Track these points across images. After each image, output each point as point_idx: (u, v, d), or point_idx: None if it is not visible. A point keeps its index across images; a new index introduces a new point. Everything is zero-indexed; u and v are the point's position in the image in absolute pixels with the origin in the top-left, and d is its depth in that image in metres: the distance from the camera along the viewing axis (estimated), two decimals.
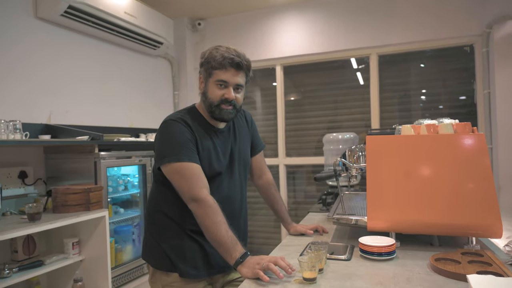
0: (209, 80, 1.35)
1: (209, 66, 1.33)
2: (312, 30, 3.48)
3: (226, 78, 1.32)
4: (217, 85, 1.34)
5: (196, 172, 1.27)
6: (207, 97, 1.36)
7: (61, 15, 2.48)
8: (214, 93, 1.34)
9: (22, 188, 2.30)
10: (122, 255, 2.60)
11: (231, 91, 1.34)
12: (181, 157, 1.26)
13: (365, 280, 1.07)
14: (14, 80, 2.32)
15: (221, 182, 1.39)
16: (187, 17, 3.76)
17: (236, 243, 1.18)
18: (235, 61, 1.31)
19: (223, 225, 1.20)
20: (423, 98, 3.36)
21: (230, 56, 1.31)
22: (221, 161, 1.39)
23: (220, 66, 1.31)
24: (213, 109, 1.35)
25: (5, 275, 1.85)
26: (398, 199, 1.32)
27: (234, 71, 1.33)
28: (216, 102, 1.34)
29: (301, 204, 3.73)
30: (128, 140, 2.61)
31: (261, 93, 3.93)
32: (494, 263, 1.10)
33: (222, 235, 1.18)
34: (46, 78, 2.51)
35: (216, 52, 1.33)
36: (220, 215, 1.22)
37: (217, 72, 1.32)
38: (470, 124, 1.32)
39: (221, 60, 1.30)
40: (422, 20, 3.13)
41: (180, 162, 1.26)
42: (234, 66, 1.32)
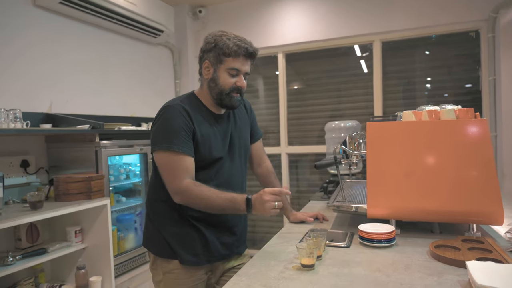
0: (219, 67, 1.33)
1: (220, 52, 1.31)
2: (314, 17, 3.42)
3: (238, 66, 1.32)
4: (228, 73, 1.33)
5: (182, 164, 1.27)
6: (217, 84, 1.34)
7: (60, 2, 2.45)
8: (226, 80, 1.33)
9: (24, 177, 2.31)
10: (125, 243, 2.62)
11: (242, 78, 1.35)
12: (171, 145, 1.26)
13: (364, 267, 1.06)
14: (14, 69, 2.31)
15: (221, 167, 1.38)
16: (187, 4, 3.71)
17: (234, 199, 1.24)
18: (249, 51, 1.32)
19: (213, 196, 1.24)
20: (427, 85, 3.31)
21: (244, 45, 1.31)
22: (221, 146, 1.39)
23: (234, 54, 1.30)
24: (223, 97, 1.34)
25: (8, 263, 1.87)
26: (399, 186, 1.31)
27: (245, 59, 1.33)
28: (228, 90, 1.33)
29: (303, 193, 3.73)
30: (129, 129, 2.60)
31: (264, 81, 3.90)
32: (494, 250, 1.09)
33: (219, 203, 1.24)
34: (45, 67, 2.50)
35: (227, 40, 1.31)
36: (205, 191, 1.25)
37: (229, 59, 1.31)
38: (473, 110, 1.30)
39: (236, 48, 1.29)
40: (426, 5, 3.06)
41: (169, 152, 1.26)
42: (247, 55, 1.32)
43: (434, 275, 0.98)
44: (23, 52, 2.36)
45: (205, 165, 1.33)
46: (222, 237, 1.40)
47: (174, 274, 1.35)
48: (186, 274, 1.35)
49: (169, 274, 1.36)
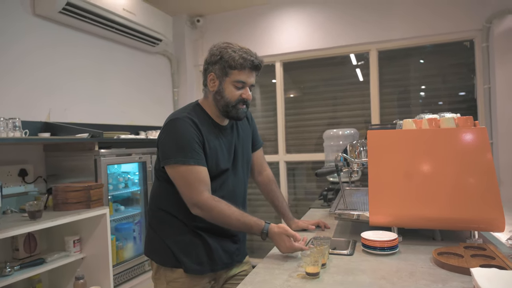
0: (225, 80, 1.34)
1: (226, 65, 1.32)
2: (311, 26, 3.47)
3: (244, 78, 1.33)
4: (234, 85, 1.34)
5: (199, 176, 1.27)
6: (223, 96, 1.35)
7: (60, 12, 2.47)
8: (232, 93, 1.34)
9: (22, 186, 2.29)
10: (123, 252, 2.60)
11: (248, 90, 1.36)
12: (187, 159, 1.26)
13: (368, 275, 1.07)
14: (13, 78, 2.31)
15: (226, 178, 1.39)
16: (185, 13, 3.75)
17: (251, 228, 1.28)
18: (254, 63, 1.33)
19: (232, 217, 1.27)
20: (423, 94, 3.36)
21: (250, 58, 1.32)
22: (226, 158, 1.40)
23: (240, 67, 1.31)
24: (230, 109, 1.35)
25: (6, 273, 1.85)
26: (400, 194, 1.32)
27: (250, 71, 1.35)
28: (234, 102, 1.34)
29: (301, 200, 3.73)
30: (128, 138, 2.60)
31: (261, 90, 3.92)
32: (497, 257, 1.10)
33: (236, 226, 1.28)
34: (44, 75, 2.50)
35: (233, 52, 1.31)
36: (226, 210, 1.27)
37: (235, 72, 1.32)
38: (472, 118, 1.32)
39: (242, 61, 1.31)
40: (421, 15, 3.12)
41: (186, 166, 1.26)
42: (252, 67, 1.34)
43: (439, 282, 0.99)
44: (22, 60, 2.36)
45: (211, 177, 1.33)
46: (224, 245, 1.40)
47: (178, 283, 1.35)
48: (190, 283, 1.34)
49: (173, 283, 1.35)
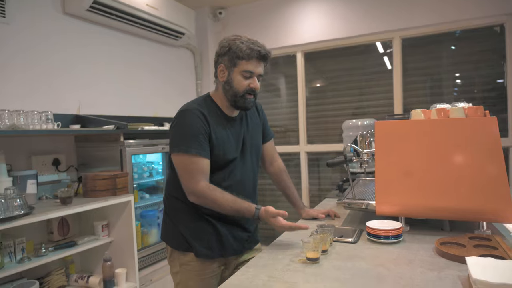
0: (233, 70, 1.39)
1: (234, 56, 1.37)
2: (332, 15, 3.43)
3: (251, 68, 1.38)
4: (242, 75, 1.38)
5: (199, 166, 1.34)
6: (232, 86, 1.40)
7: (87, 10, 2.60)
8: (241, 83, 1.39)
9: (56, 175, 2.47)
10: (148, 237, 2.75)
11: (255, 80, 1.40)
12: (190, 149, 1.33)
13: (367, 261, 1.10)
14: (46, 74, 2.47)
15: (234, 168, 1.45)
16: (208, 6, 3.81)
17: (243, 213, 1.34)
18: (261, 53, 1.37)
19: (225, 204, 1.33)
20: (451, 82, 3.25)
21: (257, 48, 1.36)
22: (234, 148, 1.45)
23: (247, 57, 1.36)
24: (238, 99, 1.40)
25: (42, 254, 2.02)
26: (407, 184, 1.33)
27: (258, 61, 1.39)
28: (242, 92, 1.39)
29: (324, 191, 3.73)
30: (151, 129, 2.72)
31: (285, 80, 3.94)
32: (500, 247, 1.09)
33: (230, 212, 1.34)
34: (74, 71, 2.66)
35: (241, 44, 1.36)
36: (219, 197, 1.34)
37: (243, 62, 1.37)
38: (482, 108, 1.30)
39: (249, 51, 1.35)
40: (447, 0, 3.00)
41: (188, 154, 1.33)
42: (260, 57, 1.38)
43: (435, 270, 1.00)
44: (54, 57, 2.52)
45: (219, 166, 1.40)
46: (235, 232, 1.47)
47: (190, 266, 1.43)
48: (200, 266, 1.42)
49: (185, 266, 1.44)
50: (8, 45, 2.27)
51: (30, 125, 2.09)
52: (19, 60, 2.33)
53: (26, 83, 2.35)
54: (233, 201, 1.33)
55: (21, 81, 2.33)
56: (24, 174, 2.09)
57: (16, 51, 2.31)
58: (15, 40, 2.30)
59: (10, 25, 2.27)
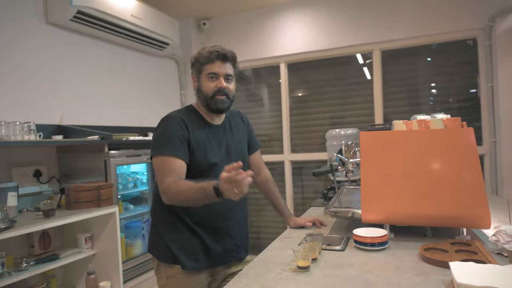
0: (200, 76, 1.46)
1: (198, 63, 1.45)
2: (315, 28, 3.52)
3: (215, 70, 1.44)
4: (208, 78, 1.44)
5: (171, 167, 1.34)
6: (202, 92, 1.46)
7: (71, 20, 2.58)
8: (207, 86, 1.44)
9: (37, 186, 2.41)
10: (132, 249, 2.71)
11: (222, 80, 1.45)
12: (165, 150, 1.36)
13: (356, 268, 1.13)
14: (28, 84, 2.43)
15: (217, 173, 1.43)
16: (192, 17, 3.84)
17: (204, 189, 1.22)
18: (221, 53, 1.44)
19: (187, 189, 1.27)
20: (428, 92, 3.38)
21: (216, 50, 1.44)
22: (216, 153, 1.46)
23: (208, 61, 1.43)
24: (209, 101, 1.45)
25: (23, 268, 1.97)
26: (391, 193, 1.38)
27: (221, 62, 1.44)
28: (211, 94, 1.44)
29: (308, 199, 3.79)
30: (136, 139, 2.70)
31: (268, 90, 3.99)
32: (480, 252, 1.15)
33: (194, 196, 1.25)
34: (57, 81, 2.62)
35: (202, 51, 1.46)
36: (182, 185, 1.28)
37: (206, 66, 1.44)
38: (460, 119, 1.37)
39: (208, 55, 1.43)
40: (424, 14, 3.15)
41: (162, 156, 1.36)
42: (220, 58, 1.44)
43: (421, 275, 1.05)
44: (36, 66, 2.49)
45: (202, 170, 1.42)
46: (222, 242, 1.48)
47: (176, 278, 1.43)
48: (187, 279, 1.42)
49: (172, 279, 1.44)
50: None
51: (12, 136, 2.05)
52: (1, 69, 2.28)
53: (7, 93, 2.30)
54: (194, 183, 1.26)
55: (3, 92, 2.28)
56: (5, 186, 2.04)
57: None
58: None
59: None
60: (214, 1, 3.50)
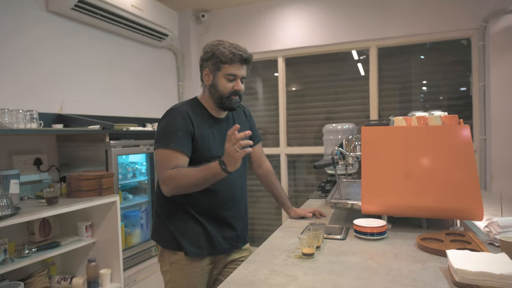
0: (217, 74, 1.47)
1: (217, 60, 1.45)
2: (313, 23, 3.56)
3: (235, 71, 1.46)
4: (226, 78, 1.46)
5: (173, 159, 1.38)
6: (217, 89, 1.48)
7: (71, 8, 2.57)
8: (225, 86, 1.47)
9: (37, 175, 2.42)
10: (131, 238, 2.74)
11: (239, 83, 1.48)
12: (168, 144, 1.39)
13: (358, 256, 1.20)
14: (28, 72, 2.42)
15: None
16: (191, 9, 3.84)
17: (209, 166, 1.31)
18: (243, 57, 1.46)
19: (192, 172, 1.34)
20: (422, 89, 3.47)
21: (239, 52, 1.45)
22: (219, 146, 1.49)
23: (230, 61, 1.44)
24: (223, 100, 1.48)
25: (25, 255, 1.99)
26: (390, 185, 1.44)
27: (240, 65, 1.47)
28: (227, 94, 1.47)
29: (301, 192, 3.87)
30: (136, 130, 2.72)
31: (263, 84, 4.03)
32: (473, 242, 1.23)
33: (199, 176, 1.33)
34: (57, 69, 2.62)
35: (223, 49, 1.45)
36: (185, 170, 1.35)
37: (226, 66, 1.45)
38: (457, 117, 1.44)
39: (231, 56, 1.44)
40: (421, 14, 3.21)
41: (166, 149, 1.39)
42: (242, 61, 1.46)
43: (419, 262, 1.12)
44: (37, 54, 2.48)
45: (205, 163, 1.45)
46: (224, 231, 1.53)
47: (179, 264, 1.48)
48: (190, 265, 1.47)
49: (175, 265, 1.49)
50: None
51: (15, 124, 2.05)
52: (1, 58, 2.27)
53: (9, 81, 2.30)
54: (198, 167, 1.33)
55: (4, 80, 2.27)
56: (7, 174, 2.05)
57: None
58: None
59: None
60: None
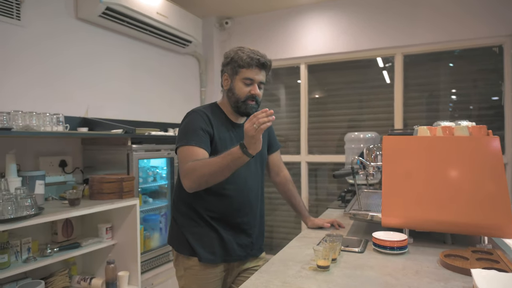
0: (235, 78, 1.48)
1: (235, 65, 1.46)
2: (336, 30, 3.52)
3: (252, 76, 1.46)
4: (243, 82, 1.46)
5: (194, 155, 1.37)
6: (234, 93, 1.48)
7: (99, 16, 2.66)
8: (242, 89, 1.47)
9: (62, 176, 2.50)
10: (150, 241, 2.77)
11: (256, 87, 1.48)
12: (190, 141, 1.39)
13: (375, 270, 1.15)
14: (57, 77, 2.51)
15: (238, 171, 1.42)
16: (215, 16, 3.89)
17: (230, 151, 1.28)
18: (261, 61, 1.45)
19: (213, 159, 1.31)
20: (450, 98, 3.34)
21: (256, 57, 1.45)
22: None
23: (247, 65, 1.45)
24: (240, 105, 1.48)
25: (47, 254, 2.04)
26: (412, 197, 1.38)
27: (258, 70, 1.47)
28: (243, 98, 1.47)
29: (322, 201, 3.80)
30: (158, 134, 2.76)
31: (286, 91, 4.01)
32: (502, 261, 1.15)
33: (220, 162, 1.29)
34: (84, 74, 2.71)
35: (242, 53, 1.46)
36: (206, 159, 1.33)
37: (243, 70, 1.46)
38: (486, 127, 1.37)
39: (249, 60, 1.44)
40: (448, 20, 3.11)
41: (187, 146, 1.39)
42: (259, 65, 1.46)
43: (441, 281, 1.06)
44: (65, 59, 2.57)
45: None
46: (238, 238, 1.51)
47: (193, 270, 1.47)
48: (204, 271, 1.46)
49: (189, 270, 1.48)
50: (22, 48, 2.32)
51: (42, 127, 2.12)
52: (32, 62, 2.37)
53: (38, 85, 2.39)
54: (219, 156, 1.30)
55: (33, 83, 2.37)
56: (33, 175, 2.12)
57: (30, 54, 2.35)
58: (29, 43, 2.35)
59: (25, 28, 2.32)
60: (237, 1, 3.53)
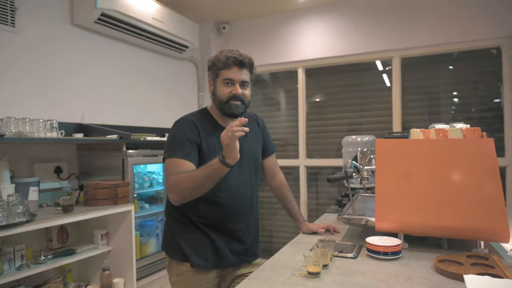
0: (216, 81, 1.48)
1: (215, 68, 1.47)
2: (333, 33, 3.51)
3: (231, 76, 1.45)
4: (224, 83, 1.45)
5: (179, 168, 1.37)
6: (216, 96, 1.48)
7: (95, 22, 2.66)
8: (223, 91, 1.45)
9: (57, 182, 2.49)
10: (146, 248, 2.75)
11: (237, 87, 1.46)
12: (175, 153, 1.39)
13: (367, 277, 1.12)
14: (52, 82, 2.51)
15: (227, 176, 1.41)
16: (212, 21, 3.89)
17: (210, 163, 1.30)
18: (238, 59, 1.44)
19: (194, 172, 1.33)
20: (450, 101, 3.32)
21: (233, 55, 1.44)
22: None
23: (225, 66, 1.44)
24: (223, 106, 1.46)
25: (41, 261, 2.03)
26: (406, 201, 1.36)
27: (237, 69, 1.45)
28: (225, 99, 1.45)
29: (322, 205, 3.76)
30: (153, 140, 2.75)
31: (285, 95, 4.00)
32: (497, 266, 1.12)
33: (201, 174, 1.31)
34: (79, 80, 2.70)
35: (220, 55, 1.46)
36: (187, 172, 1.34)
37: (223, 72, 1.45)
38: (480, 130, 1.34)
39: (225, 60, 1.43)
40: (446, 22, 3.09)
41: (173, 158, 1.39)
42: (237, 64, 1.44)
43: (433, 287, 1.03)
44: (60, 65, 2.57)
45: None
46: (231, 245, 1.49)
47: (186, 276, 1.46)
48: (196, 277, 1.44)
49: (182, 276, 1.47)
50: (17, 55, 2.32)
51: (35, 133, 2.12)
52: (27, 69, 2.37)
53: (32, 91, 2.39)
54: (200, 168, 1.33)
55: (28, 89, 2.37)
56: (27, 181, 2.11)
57: (25, 61, 2.36)
58: (24, 49, 2.35)
59: (20, 34, 2.32)
60: (234, 6, 3.54)
